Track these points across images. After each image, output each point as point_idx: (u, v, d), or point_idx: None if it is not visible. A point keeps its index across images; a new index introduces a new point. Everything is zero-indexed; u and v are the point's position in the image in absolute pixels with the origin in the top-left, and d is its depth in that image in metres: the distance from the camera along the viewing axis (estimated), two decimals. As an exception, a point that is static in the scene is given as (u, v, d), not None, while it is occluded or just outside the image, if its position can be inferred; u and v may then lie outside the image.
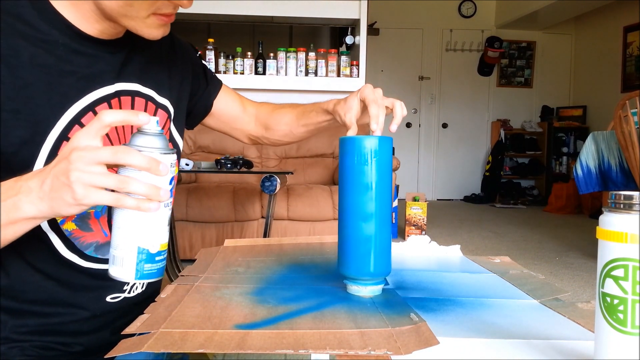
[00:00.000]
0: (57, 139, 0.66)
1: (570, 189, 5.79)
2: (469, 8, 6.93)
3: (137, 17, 0.66)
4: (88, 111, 0.69)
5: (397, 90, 6.88)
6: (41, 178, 0.55)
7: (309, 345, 0.53)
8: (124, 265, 0.57)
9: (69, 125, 0.67)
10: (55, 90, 0.66)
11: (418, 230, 4.05)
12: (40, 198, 0.55)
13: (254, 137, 1.05)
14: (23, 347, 0.68)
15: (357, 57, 4.06)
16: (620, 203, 0.44)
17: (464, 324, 0.62)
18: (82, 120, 0.68)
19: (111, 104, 0.72)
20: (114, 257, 0.57)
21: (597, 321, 0.46)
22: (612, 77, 6.22)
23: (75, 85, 0.68)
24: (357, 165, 0.70)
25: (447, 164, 7.08)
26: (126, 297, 0.78)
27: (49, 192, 0.54)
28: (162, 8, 0.67)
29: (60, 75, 0.66)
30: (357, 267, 0.71)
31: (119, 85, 0.73)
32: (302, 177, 3.76)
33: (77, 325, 0.73)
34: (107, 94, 0.71)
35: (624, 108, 2.80)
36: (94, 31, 0.69)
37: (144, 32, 0.68)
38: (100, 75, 0.71)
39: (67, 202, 0.54)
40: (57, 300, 0.71)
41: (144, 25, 0.67)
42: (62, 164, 0.54)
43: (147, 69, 0.79)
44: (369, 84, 0.84)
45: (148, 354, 0.53)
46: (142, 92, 0.78)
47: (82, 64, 0.69)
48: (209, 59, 3.89)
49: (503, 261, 0.97)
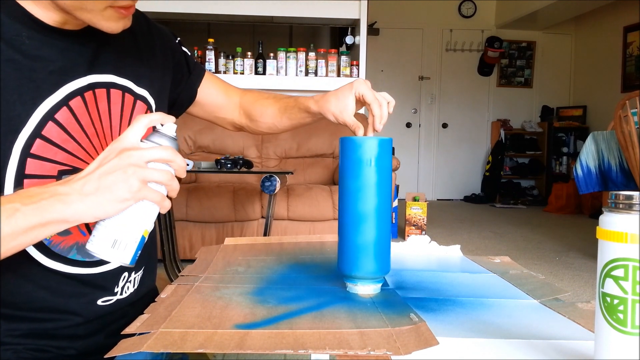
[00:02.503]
0: (29, 136, 0.64)
1: (570, 189, 5.79)
2: (469, 8, 6.93)
3: (94, 10, 0.62)
4: (62, 106, 0.66)
5: (397, 90, 6.88)
6: (81, 181, 0.56)
7: (308, 345, 0.53)
8: (127, 249, 0.59)
9: (43, 122, 0.65)
10: (26, 85, 0.63)
11: (418, 230, 4.05)
12: (79, 200, 0.55)
13: (238, 126, 1.03)
14: (17, 350, 0.68)
15: (357, 57, 4.07)
16: (620, 203, 0.44)
17: (464, 324, 0.62)
18: (55, 116, 0.66)
19: (85, 98, 0.69)
20: (115, 241, 0.58)
21: (597, 321, 0.46)
22: (612, 77, 6.22)
23: (47, 80, 0.65)
24: (357, 166, 0.70)
25: (447, 164, 7.08)
26: (118, 299, 0.76)
27: (94, 192, 0.55)
28: (117, 0, 0.63)
29: (30, 69, 0.64)
30: (357, 267, 0.71)
31: (93, 77, 0.70)
32: (302, 177, 3.75)
33: (71, 330, 0.72)
34: (80, 86, 0.69)
35: (624, 108, 2.80)
36: (56, 22, 0.66)
37: (102, 25, 0.64)
38: (72, 67, 0.68)
39: (117, 198, 0.56)
40: (50, 308, 0.70)
41: (102, 18, 0.63)
42: (112, 163, 0.56)
43: (122, 58, 0.75)
44: (360, 78, 0.82)
45: (148, 354, 0.53)
46: (119, 83, 0.74)
47: (52, 57, 0.66)
48: (209, 59, 3.89)
49: (503, 261, 0.97)
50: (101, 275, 0.74)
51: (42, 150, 0.65)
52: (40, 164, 0.65)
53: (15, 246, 0.54)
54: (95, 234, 0.59)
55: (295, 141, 3.83)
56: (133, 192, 0.56)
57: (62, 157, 0.67)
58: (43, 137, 0.65)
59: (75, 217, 0.56)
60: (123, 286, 0.77)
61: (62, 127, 0.67)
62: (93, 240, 0.59)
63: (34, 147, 0.64)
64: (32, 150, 0.64)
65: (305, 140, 3.82)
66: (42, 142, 0.65)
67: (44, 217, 0.54)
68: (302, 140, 3.82)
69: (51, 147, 0.66)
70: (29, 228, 0.54)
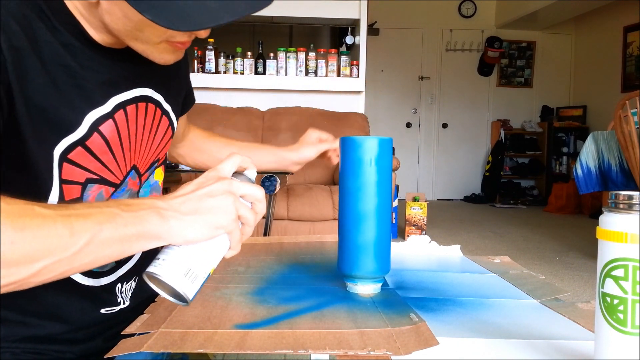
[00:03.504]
0: (73, 142, 0.63)
1: (570, 189, 5.79)
2: (469, 8, 6.93)
3: (148, 43, 0.62)
4: (108, 118, 0.66)
5: (397, 90, 6.89)
6: (179, 199, 0.54)
7: (308, 345, 0.53)
8: (195, 282, 0.55)
9: (89, 132, 0.64)
10: (77, 92, 0.63)
11: (418, 230, 4.05)
12: (176, 217, 0.53)
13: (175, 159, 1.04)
14: (15, 353, 0.68)
15: (357, 57, 4.06)
16: (620, 203, 0.44)
17: (464, 324, 0.62)
18: (100, 128, 0.66)
19: (127, 111, 0.70)
20: (189, 270, 0.55)
21: (597, 321, 0.46)
22: (612, 77, 6.22)
23: (97, 90, 0.65)
24: (357, 166, 0.70)
25: (447, 164, 7.08)
26: (122, 309, 0.76)
27: (192, 213, 0.54)
28: (176, 36, 0.62)
29: (82, 78, 0.64)
30: (357, 266, 0.71)
31: (136, 91, 0.71)
32: (302, 177, 3.75)
33: (71, 334, 0.72)
34: (126, 99, 0.69)
35: (624, 108, 2.80)
36: (106, 42, 0.66)
37: (154, 57, 0.64)
38: (118, 81, 0.68)
39: (213, 223, 0.54)
40: (53, 317, 0.70)
41: (155, 50, 0.63)
42: (213, 187, 0.55)
43: (158, 73, 0.76)
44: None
45: (148, 354, 0.53)
46: (153, 97, 0.75)
47: (101, 70, 0.66)
48: (209, 59, 3.89)
49: (503, 261, 0.97)
50: (104, 287, 0.73)
51: (79, 157, 0.65)
52: (72, 170, 0.65)
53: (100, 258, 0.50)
54: (164, 257, 0.55)
55: (295, 141, 3.81)
56: (228, 221, 0.55)
57: (94, 166, 0.67)
58: (85, 147, 0.65)
59: (168, 235, 0.53)
60: (124, 296, 0.77)
61: (105, 140, 0.67)
62: (162, 264, 0.54)
63: (73, 153, 0.64)
64: (70, 156, 0.64)
65: (305, 140, 3.82)
66: (82, 151, 0.65)
67: (142, 228, 0.51)
68: (302, 140, 3.82)
69: (88, 156, 0.66)
70: (125, 237, 0.50)
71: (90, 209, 0.50)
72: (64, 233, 0.47)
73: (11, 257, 0.44)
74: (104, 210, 0.50)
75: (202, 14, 0.54)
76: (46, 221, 0.46)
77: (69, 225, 0.47)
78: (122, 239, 0.50)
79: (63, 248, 0.47)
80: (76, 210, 0.49)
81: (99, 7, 0.60)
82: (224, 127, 3.73)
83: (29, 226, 0.45)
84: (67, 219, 0.47)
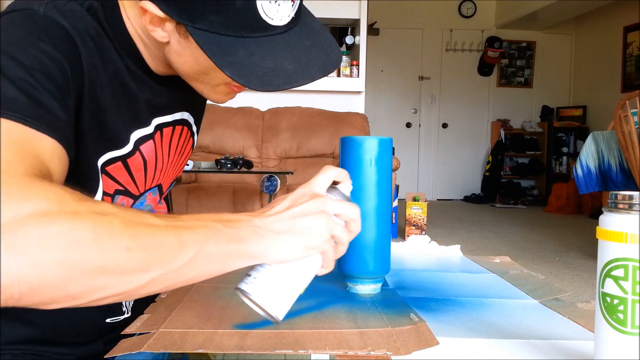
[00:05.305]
0: (116, 157, 0.65)
1: (570, 189, 5.79)
2: (469, 8, 6.93)
3: (208, 84, 0.63)
4: (149, 139, 0.69)
5: (397, 90, 6.89)
6: (272, 218, 0.52)
7: (308, 345, 0.53)
8: (285, 303, 0.54)
9: (133, 150, 0.67)
10: (128, 110, 0.65)
11: (418, 230, 4.05)
12: (271, 236, 0.50)
13: None
14: (15, 354, 0.68)
15: (357, 57, 4.06)
16: (620, 203, 0.44)
17: (464, 324, 0.62)
18: (141, 147, 0.68)
19: (163, 133, 0.72)
20: (280, 290, 0.53)
21: (597, 321, 0.46)
22: (612, 77, 6.22)
23: (145, 111, 0.68)
24: (357, 166, 0.70)
25: (447, 164, 7.08)
26: (126, 318, 0.77)
27: (286, 232, 0.51)
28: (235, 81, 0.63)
29: (134, 98, 0.66)
30: (357, 266, 0.71)
31: (177, 114, 0.74)
32: (302, 177, 3.75)
33: (72, 337, 0.72)
34: (167, 121, 0.72)
35: (624, 108, 2.80)
36: (160, 71, 0.68)
37: (210, 97, 0.66)
38: (163, 105, 0.71)
39: (307, 244, 0.52)
40: (56, 323, 0.70)
41: (212, 91, 0.65)
42: (307, 206, 0.53)
43: (196, 98, 0.78)
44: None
45: (148, 354, 0.53)
46: (189, 120, 0.78)
47: (152, 94, 0.68)
48: (209, 59, 3.88)
49: (503, 261, 0.97)
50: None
51: (116, 171, 0.67)
52: (105, 180, 0.66)
53: (202, 274, 0.48)
54: (256, 275, 0.53)
55: (295, 141, 3.82)
56: (322, 241, 0.53)
57: (124, 180, 0.69)
58: (125, 163, 0.67)
59: (261, 254, 0.50)
60: (129, 306, 0.77)
61: (144, 160, 0.69)
62: (253, 282, 0.52)
63: (111, 166, 0.66)
64: (108, 168, 0.65)
65: (305, 140, 3.82)
66: (120, 165, 0.67)
67: (243, 246, 0.49)
68: (302, 140, 3.82)
69: (124, 171, 0.68)
70: (227, 254, 0.48)
71: (196, 222, 0.48)
72: (174, 244, 0.45)
73: (125, 265, 0.42)
74: (208, 224, 0.48)
75: (280, 77, 0.55)
76: (159, 230, 0.45)
77: (179, 237, 0.45)
78: (224, 256, 0.48)
79: (172, 259, 0.45)
80: (183, 222, 0.47)
81: (169, 45, 0.60)
82: (224, 127, 3.73)
83: (144, 234, 0.44)
84: (177, 230, 0.46)
